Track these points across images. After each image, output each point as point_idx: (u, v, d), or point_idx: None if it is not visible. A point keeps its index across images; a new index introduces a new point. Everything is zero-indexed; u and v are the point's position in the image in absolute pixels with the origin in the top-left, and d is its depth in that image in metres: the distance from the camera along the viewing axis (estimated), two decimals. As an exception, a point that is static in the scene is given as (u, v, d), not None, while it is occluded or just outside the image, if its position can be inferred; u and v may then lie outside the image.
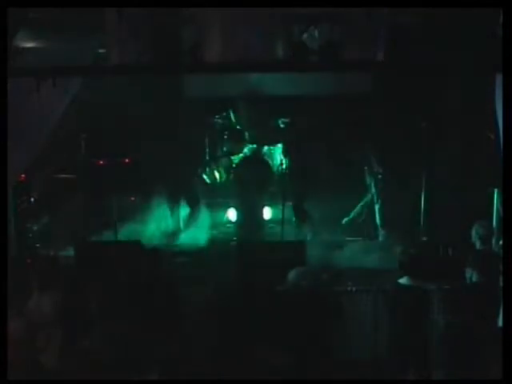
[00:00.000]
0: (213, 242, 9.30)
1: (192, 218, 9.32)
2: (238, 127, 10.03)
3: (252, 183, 9.69)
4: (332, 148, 9.56)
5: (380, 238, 9.22)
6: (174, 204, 9.34)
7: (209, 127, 10.11)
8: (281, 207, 9.23)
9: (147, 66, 6.43)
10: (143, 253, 6.71)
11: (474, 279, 5.62)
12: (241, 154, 9.89)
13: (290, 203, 9.28)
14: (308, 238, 8.73)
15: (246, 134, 9.93)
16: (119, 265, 6.78)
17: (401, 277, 5.77)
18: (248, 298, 5.96)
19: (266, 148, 9.88)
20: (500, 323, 5.17)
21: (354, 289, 7.13)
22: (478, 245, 6.53)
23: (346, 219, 9.39)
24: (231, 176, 9.87)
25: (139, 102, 9.31)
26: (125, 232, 8.80)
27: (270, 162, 9.78)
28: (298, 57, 6.29)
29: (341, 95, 9.70)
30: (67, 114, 7.36)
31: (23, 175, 8.23)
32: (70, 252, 7.44)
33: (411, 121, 8.90)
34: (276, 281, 6.00)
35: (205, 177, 10.06)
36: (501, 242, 6.90)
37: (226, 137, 9.99)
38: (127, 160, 9.46)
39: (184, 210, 9.40)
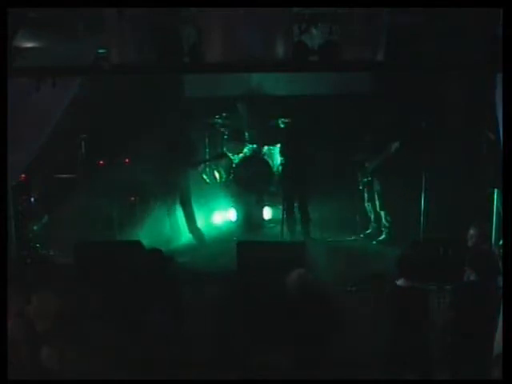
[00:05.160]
0: (213, 241, 9.32)
1: (187, 218, 9.33)
2: (237, 127, 10.03)
3: (252, 183, 9.69)
4: (331, 148, 9.58)
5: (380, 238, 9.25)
6: (173, 204, 9.34)
7: (209, 127, 10.12)
8: (281, 207, 9.23)
9: (147, 66, 6.43)
10: (143, 253, 6.71)
11: (471, 279, 5.63)
12: (241, 154, 9.89)
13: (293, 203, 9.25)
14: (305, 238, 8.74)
15: (246, 134, 9.93)
16: (119, 265, 6.79)
17: (400, 277, 5.77)
18: (247, 297, 5.96)
19: (265, 148, 9.88)
20: (500, 323, 5.17)
21: (353, 289, 7.15)
22: (474, 245, 6.53)
23: None
24: (231, 176, 9.88)
25: (139, 102, 9.33)
26: (124, 232, 8.82)
27: (270, 162, 9.78)
28: (298, 57, 6.28)
29: (341, 95, 9.70)
30: (67, 114, 7.35)
31: (23, 175, 8.23)
32: (70, 252, 7.45)
33: (411, 121, 8.90)
34: (276, 281, 6.00)
35: (205, 177, 10.07)
36: (501, 242, 6.91)
37: (226, 137, 9.99)
38: (127, 160, 9.47)
39: (182, 210, 9.40)
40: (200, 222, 9.56)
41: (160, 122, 9.14)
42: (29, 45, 6.62)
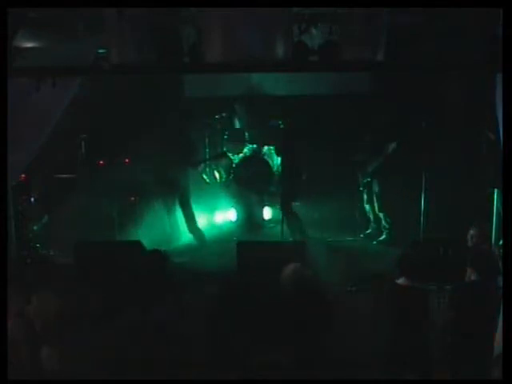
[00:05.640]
0: (213, 241, 9.32)
1: (187, 218, 9.33)
2: (238, 127, 10.03)
3: (252, 183, 9.69)
4: (331, 148, 9.58)
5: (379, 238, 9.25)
6: (173, 204, 9.34)
7: (209, 127, 10.12)
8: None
9: (147, 66, 6.43)
10: (143, 253, 6.71)
11: (471, 279, 5.63)
12: (241, 154, 9.89)
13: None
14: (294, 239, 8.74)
15: (246, 134, 9.93)
16: (119, 265, 6.79)
17: (400, 277, 5.77)
18: (247, 297, 5.95)
19: (265, 148, 9.88)
20: (500, 323, 5.17)
21: (354, 289, 7.15)
22: (477, 245, 6.53)
23: None
24: (231, 176, 9.88)
25: (139, 102, 9.33)
26: (124, 232, 8.82)
27: (270, 162, 9.78)
28: (298, 57, 6.28)
29: (341, 95, 9.71)
30: (67, 114, 7.36)
31: (23, 175, 8.23)
32: (70, 252, 7.45)
33: (411, 121, 8.91)
34: (276, 281, 6.00)
35: (205, 177, 10.07)
36: (501, 242, 6.91)
37: (226, 137, 10.00)
38: (127, 160, 9.47)
39: (182, 211, 9.41)
40: (200, 222, 9.57)
41: (160, 122, 9.14)
42: (29, 45, 6.62)
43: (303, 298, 5.82)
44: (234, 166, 9.87)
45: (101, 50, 6.56)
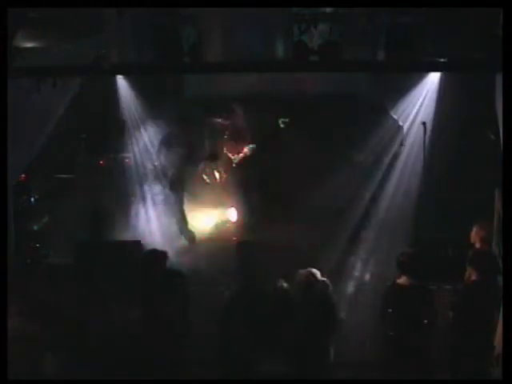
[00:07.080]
0: (213, 241, 9.32)
1: (187, 218, 9.34)
2: (238, 127, 10.02)
3: (252, 183, 9.69)
4: (331, 148, 9.58)
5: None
6: (173, 204, 9.34)
7: (209, 127, 10.11)
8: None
9: (147, 66, 6.43)
10: (143, 253, 6.71)
11: (472, 279, 5.63)
12: (241, 154, 9.89)
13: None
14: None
15: (246, 134, 9.92)
16: (119, 265, 6.79)
17: (400, 277, 5.77)
18: (247, 298, 5.95)
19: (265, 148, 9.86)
20: (500, 323, 5.17)
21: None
22: (477, 245, 6.53)
23: None
24: (231, 176, 9.87)
25: (139, 101, 9.34)
26: (124, 232, 8.81)
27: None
28: (298, 57, 6.29)
29: (341, 95, 9.71)
30: (67, 114, 7.36)
31: (23, 175, 8.23)
32: (70, 252, 7.45)
33: (411, 120, 8.91)
34: (275, 281, 6.01)
35: (205, 177, 10.07)
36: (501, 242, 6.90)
37: (225, 137, 9.99)
38: (127, 160, 9.48)
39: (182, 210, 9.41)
40: (200, 222, 9.56)
41: (160, 122, 9.14)
42: (29, 45, 6.63)
43: (309, 301, 5.80)
44: (233, 166, 9.86)
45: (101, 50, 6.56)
